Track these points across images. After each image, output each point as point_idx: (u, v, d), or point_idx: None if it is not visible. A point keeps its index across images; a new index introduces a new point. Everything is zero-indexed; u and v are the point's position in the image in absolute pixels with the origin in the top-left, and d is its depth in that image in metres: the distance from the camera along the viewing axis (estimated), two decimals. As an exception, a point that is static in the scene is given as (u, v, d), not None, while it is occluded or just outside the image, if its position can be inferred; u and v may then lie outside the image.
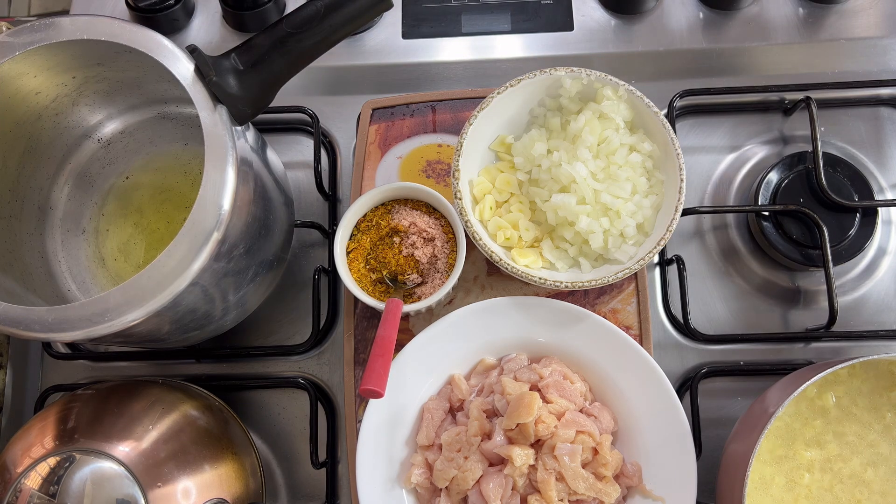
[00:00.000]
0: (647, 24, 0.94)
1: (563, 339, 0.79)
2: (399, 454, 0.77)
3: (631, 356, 0.77)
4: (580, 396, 0.76)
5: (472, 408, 0.75)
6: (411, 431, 0.78)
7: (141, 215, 0.85)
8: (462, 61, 0.94)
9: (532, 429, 0.71)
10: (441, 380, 0.80)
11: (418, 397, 0.78)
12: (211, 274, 0.66)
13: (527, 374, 0.76)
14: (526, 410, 0.71)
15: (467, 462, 0.73)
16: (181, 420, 0.74)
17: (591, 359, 0.78)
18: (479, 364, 0.80)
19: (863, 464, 0.73)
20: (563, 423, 0.73)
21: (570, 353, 0.79)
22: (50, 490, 0.65)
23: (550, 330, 0.79)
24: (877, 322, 0.85)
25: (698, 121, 0.93)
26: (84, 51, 0.69)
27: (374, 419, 0.76)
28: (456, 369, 0.80)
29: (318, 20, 0.66)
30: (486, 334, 0.79)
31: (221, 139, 0.64)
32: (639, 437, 0.76)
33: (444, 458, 0.74)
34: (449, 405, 0.78)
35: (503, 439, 0.73)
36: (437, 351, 0.79)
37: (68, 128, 0.80)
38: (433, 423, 0.77)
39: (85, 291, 0.82)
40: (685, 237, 0.89)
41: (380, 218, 0.80)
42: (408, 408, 0.78)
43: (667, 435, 0.75)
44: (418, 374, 0.78)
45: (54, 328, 0.62)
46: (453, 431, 0.75)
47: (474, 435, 0.74)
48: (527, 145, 0.80)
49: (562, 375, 0.77)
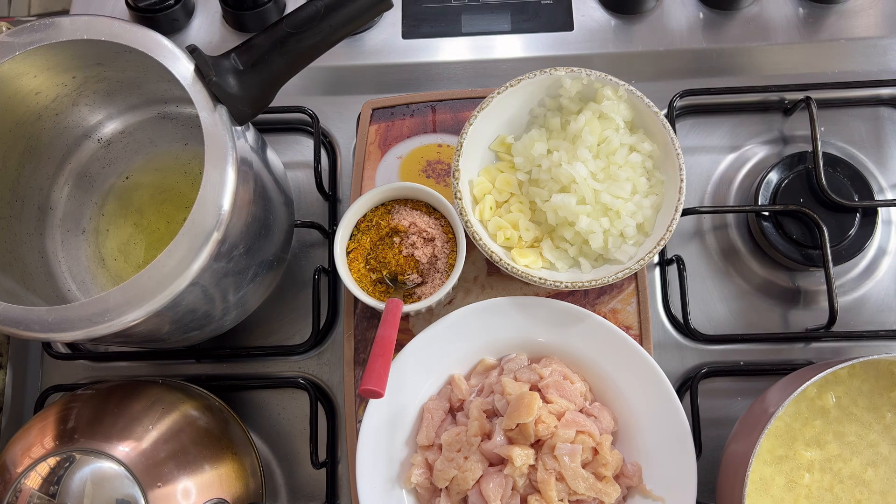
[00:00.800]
0: (647, 24, 0.94)
1: (564, 339, 0.79)
2: (399, 454, 0.77)
3: (631, 356, 0.77)
4: (580, 396, 0.76)
5: (472, 408, 0.75)
6: (411, 431, 0.78)
7: (141, 215, 0.85)
8: (462, 61, 0.94)
9: (532, 429, 0.71)
10: (441, 380, 0.80)
11: (418, 397, 0.78)
12: (211, 274, 0.66)
13: (527, 374, 0.76)
14: (526, 410, 0.71)
15: (467, 462, 0.73)
16: (181, 420, 0.74)
17: (591, 359, 0.78)
18: (479, 364, 0.80)
19: (863, 464, 0.73)
20: (564, 423, 0.73)
21: (570, 353, 0.79)
22: (50, 490, 0.65)
23: (550, 330, 0.79)
24: (877, 322, 0.85)
25: (698, 121, 0.93)
26: (84, 51, 0.69)
27: (374, 419, 0.76)
28: (456, 369, 0.80)
29: (318, 20, 0.66)
30: (487, 334, 0.79)
31: (221, 139, 0.64)
32: (639, 437, 0.76)
33: (444, 458, 0.74)
34: (449, 405, 0.78)
35: (503, 439, 0.73)
36: (437, 351, 0.79)
37: (68, 128, 0.80)
38: (433, 423, 0.77)
39: (85, 291, 0.82)
40: (685, 237, 0.89)
41: (380, 218, 0.80)
42: (408, 408, 0.78)
43: (667, 435, 0.75)
44: (418, 375, 0.78)
45: (54, 328, 0.62)
46: (453, 431, 0.75)
47: (474, 435, 0.74)
48: (527, 145, 0.80)
49: (562, 375, 0.77)
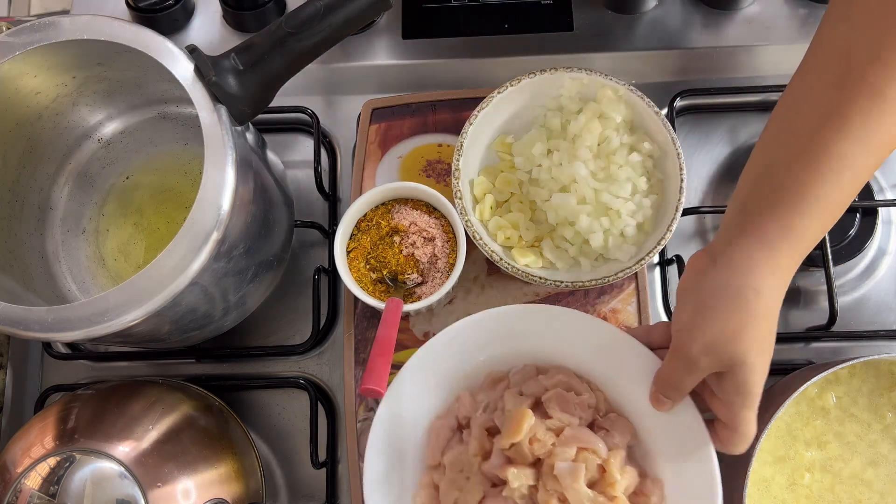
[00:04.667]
0: (647, 24, 0.94)
1: (575, 347, 0.73)
2: (410, 475, 0.72)
3: (646, 364, 0.71)
4: (588, 409, 0.70)
5: (474, 426, 0.71)
6: (421, 450, 0.73)
7: (141, 215, 0.85)
8: (462, 61, 0.94)
9: (527, 448, 0.67)
10: (451, 395, 0.74)
11: (427, 413, 0.74)
12: (211, 274, 0.66)
13: (533, 386, 0.72)
14: (515, 429, 0.66)
15: (468, 483, 0.69)
16: (181, 420, 0.74)
17: (603, 368, 0.72)
18: (487, 377, 0.75)
19: (863, 464, 0.73)
20: (562, 440, 0.67)
21: (582, 363, 0.73)
22: (50, 490, 0.65)
23: (560, 339, 0.74)
24: (877, 322, 0.85)
25: (698, 121, 0.93)
26: (84, 51, 0.69)
27: (381, 434, 0.71)
28: (465, 383, 0.74)
29: (318, 20, 0.65)
30: (494, 345, 0.74)
31: (221, 139, 0.64)
32: (659, 450, 0.69)
33: (448, 479, 0.70)
34: (457, 423, 0.73)
35: (501, 459, 0.68)
36: (443, 364, 0.74)
37: (68, 128, 0.80)
38: (438, 442, 0.72)
39: (85, 291, 0.82)
40: (685, 237, 0.89)
41: (380, 218, 0.80)
42: (416, 425, 0.73)
43: (686, 445, 0.68)
44: (426, 390, 0.73)
45: (54, 328, 0.62)
46: (456, 451, 0.71)
47: (474, 455, 0.70)
48: (527, 145, 0.80)
49: (566, 387, 0.71)
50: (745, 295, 0.58)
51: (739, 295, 0.58)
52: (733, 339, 0.58)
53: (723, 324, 0.58)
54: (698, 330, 0.59)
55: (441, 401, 0.74)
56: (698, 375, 0.62)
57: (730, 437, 0.63)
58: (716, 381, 0.62)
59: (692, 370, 0.61)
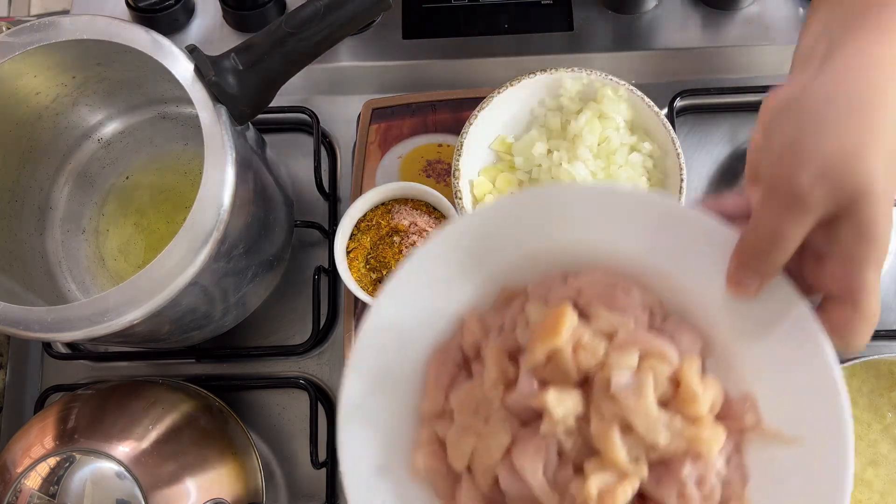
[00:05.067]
0: (647, 24, 0.94)
1: (614, 234, 0.51)
2: (400, 431, 0.52)
3: (719, 242, 0.48)
4: (643, 310, 0.50)
5: (489, 349, 0.51)
6: (413, 399, 0.53)
7: (141, 215, 0.85)
8: (462, 61, 0.94)
9: (570, 359, 0.47)
10: (448, 325, 0.54)
11: (418, 353, 0.53)
12: (210, 274, 0.66)
13: (562, 291, 0.51)
14: (553, 330, 0.47)
15: (489, 425, 0.49)
16: (181, 420, 0.74)
17: (659, 260, 0.51)
18: (500, 294, 0.54)
19: (863, 464, 0.73)
20: (618, 344, 0.48)
21: (625, 258, 0.51)
22: (50, 490, 0.65)
23: (594, 227, 0.51)
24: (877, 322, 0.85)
25: (698, 121, 0.93)
26: (84, 51, 0.69)
27: (358, 386, 0.51)
28: (466, 308, 0.54)
29: (318, 20, 0.65)
30: (501, 254, 0.52)
31: (221, 139, 0.64)
32: (744, 358, 0.49)
33: (457, 426, 0.50)
34: (462, 354, 0.53)
35: (532, 383, 0.48)
36: (437, 288, 0.53)
37: (68, 128, 0.80)
38: (440, 382, 0.52)
39: (85, 291, 0.82)
40: (685, 237, 0.89)
41: (380, 218, 0.80)
42: (405, 367, 0.53)
43: (785, 344, 0.47)
44: (416, 318, 0.52)
45: (54, 328, 0.62)
46: (467, 387, 0.51)
47: (492, 385, 0.49)
48: (527, 145, 0.80)
49: (612, 284, 0.51)
50: (869, 97, 0.43)
51: (862, 98, 0.43)
52: (855, 155, 0.42)
53: (841, 138, 0.42)
54: (806, 151, 0.42)
55: (435, 331, 0.53)
56: (806, 221, 0.43)
57: (850, 319, 0.44)
58: (824, 235, 0.44)
59: (800, 212, 0.43)
